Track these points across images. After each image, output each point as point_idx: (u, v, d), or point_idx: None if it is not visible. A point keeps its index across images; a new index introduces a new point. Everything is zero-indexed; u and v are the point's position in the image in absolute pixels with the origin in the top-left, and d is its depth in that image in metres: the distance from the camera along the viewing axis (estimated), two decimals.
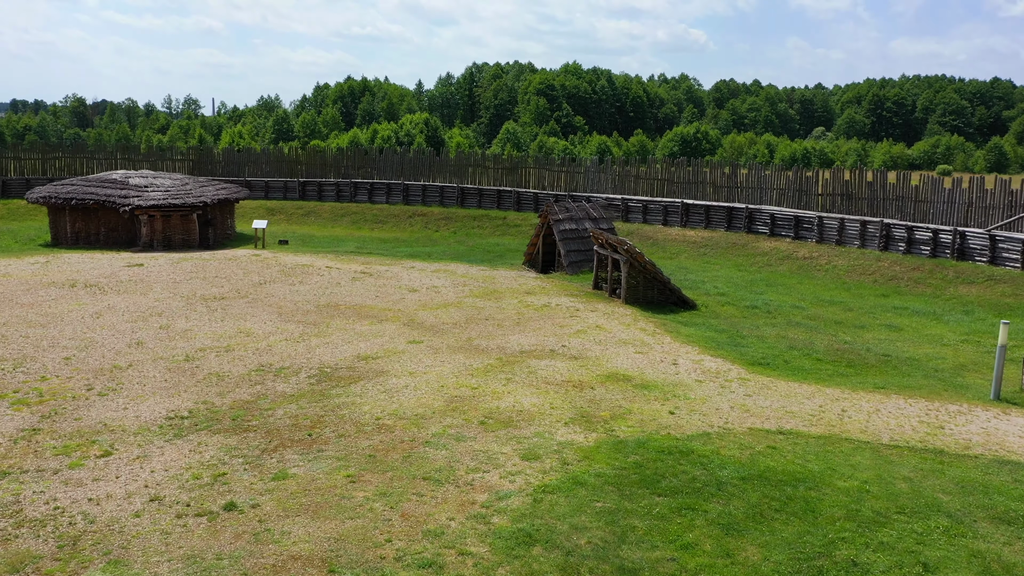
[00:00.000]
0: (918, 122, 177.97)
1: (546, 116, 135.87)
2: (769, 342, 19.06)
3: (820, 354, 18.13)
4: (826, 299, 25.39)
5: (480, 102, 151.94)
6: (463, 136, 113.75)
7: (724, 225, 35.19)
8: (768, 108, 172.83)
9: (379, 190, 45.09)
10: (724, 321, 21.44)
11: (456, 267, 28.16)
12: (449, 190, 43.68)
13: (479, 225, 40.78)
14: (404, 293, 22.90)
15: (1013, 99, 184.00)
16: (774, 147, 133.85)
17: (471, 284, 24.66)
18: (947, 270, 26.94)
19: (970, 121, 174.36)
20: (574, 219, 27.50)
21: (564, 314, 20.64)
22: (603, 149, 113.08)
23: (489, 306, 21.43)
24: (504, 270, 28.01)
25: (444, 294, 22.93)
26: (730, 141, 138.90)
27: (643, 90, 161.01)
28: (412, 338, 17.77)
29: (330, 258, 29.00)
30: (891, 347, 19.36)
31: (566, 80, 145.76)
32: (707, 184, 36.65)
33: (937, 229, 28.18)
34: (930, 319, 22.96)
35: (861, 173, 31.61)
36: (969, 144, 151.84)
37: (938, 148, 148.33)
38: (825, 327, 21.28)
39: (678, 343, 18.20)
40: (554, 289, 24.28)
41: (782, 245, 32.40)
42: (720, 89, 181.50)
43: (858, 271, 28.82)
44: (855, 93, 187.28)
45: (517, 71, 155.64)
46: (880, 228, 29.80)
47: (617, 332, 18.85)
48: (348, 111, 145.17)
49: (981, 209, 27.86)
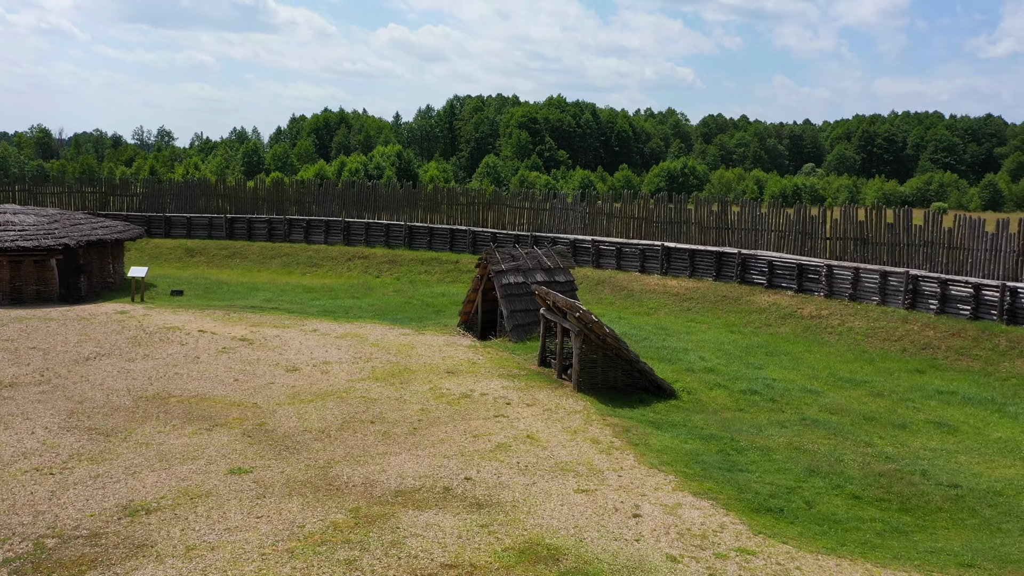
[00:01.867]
0: (909, 159, 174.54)
1: (528, 150, 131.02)
2: (778, 461, 13.06)
3: (856, 484, 12.14)
4: (845, 377, 19.47)
5: (461, 135, 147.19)
6: (439, 170, 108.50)
7: (712, 273, 29.36)
8: (757, 144, 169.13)
9: (316, 228, 39.19)
10: (712, 418, 15.45)
11: (372, 329, 22.12)
12: (395, 229, 37.82)
13: (427, 270, 34.86)
14: (278, 374, 16.82)
15: (1005, 136, 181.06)
16: (763, 183, 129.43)
17: (379, 357, 18.62)
18: (997, 337, 21.11)
19: (962, 158, 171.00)
20: (521, 270, 21.59)
21: (487, 411, 14.60)
22: (587, 184, 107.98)
23: (387, 396, 15.37)
24: (432, 334, 21.99)
25: (333, 375, 16.87)
26: (718, 176, 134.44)
27: (629, 124, 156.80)
28: (241, 462, 11.67)
29: (214, 317, 22.91)
30: (952, 465, 13.41)
31: (549, 113, 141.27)
32: (692, 224, 30.89)
33: (980, 284, 22.39)
34: (990, 411, 17.06)
35: (880, 213, 25.91)
36: (963, 181, 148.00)
37: (931, 185, 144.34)
38: (853, 428, 15.32)
39: (644, 467, 12.17)
40: (487, 366, 18.26)
41: (783, 300, 26.55)
42: (708, 124, 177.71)
43: (880, 336, 22.95)
44: (845, 129, 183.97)
45: (499, 103, 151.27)
46: (905, 281, 24.01)
47: (556, 446, 12.80)
48: (323, 143, 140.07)
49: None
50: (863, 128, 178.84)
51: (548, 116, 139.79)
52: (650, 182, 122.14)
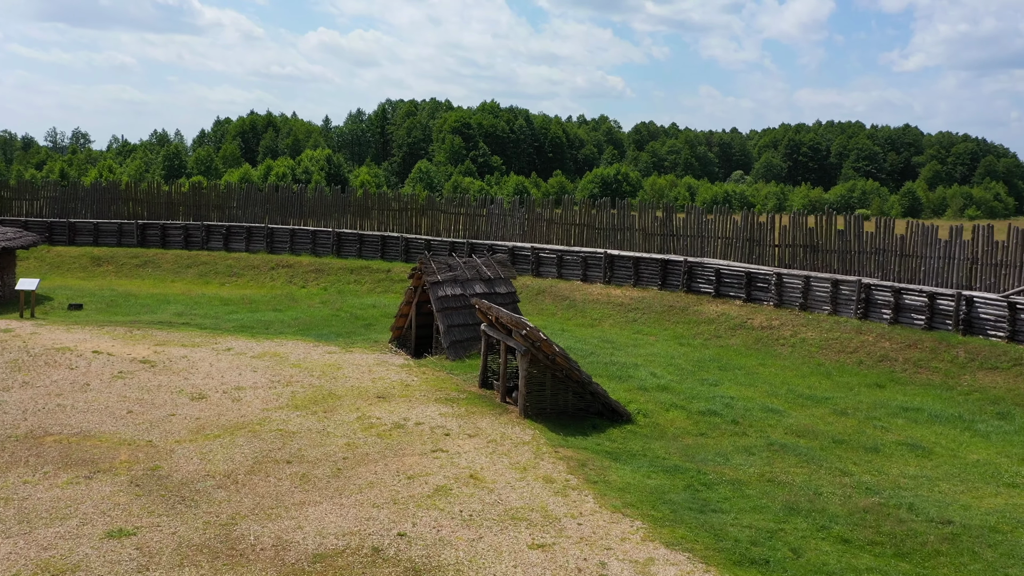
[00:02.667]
0: (833, 167, 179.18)
1: (462, 155, 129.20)
2: (753, 497, 11.61)
3: (842, 524, 10.76)
4: (805, 393, 18.31)
5: (393, 140, 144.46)
6: (371, 175, 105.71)
7: (657, 282, 28.12)
8: (688, 151, 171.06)
9: (237, 235, 36.62)
10: (674, 446, 13.97)
11: (294, 347, 20.02)
12: (323, 236, 35.56)
13: (356, 279, 32.74)
14: (181, 403, 14.65)
15: (922, 145, 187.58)
16: (695, 190, 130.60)
17: (300, 381, 16.58)
18: (955, 349, 20.31)
19: (882, 166, 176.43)
20: (459, 281, 19.82)
21: (423, 445, 12.78)
22: (521, 190, 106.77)
23: (307, 429, 13.39)
24: (361, 352, 20.02)
25: (246, 404, 14.79)
26: (651, 183, 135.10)
27: (562, 130, 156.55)
28: (123, 522, 9.59)
29: (114, 336, 20.44)
30: (936, 496, 12.21)
31: (483, 119, 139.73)
32: (636, 231, 29.64)
33: (935, 293, 21.63)
34: (960, 429, 16.06)
35: (830, 219, 25.06)
36: (884, 189, 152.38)
37: (854, 192, 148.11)
38: (824, 453, 14.05)
39: (607, 511, 10.54)
40: (422, 389, 16.42)
41: (732, 309, 25.44)
42: (640, 131, 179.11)
43: (835, 347, 21.97)
44: (771, 138, 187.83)
45: (432, 108, 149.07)
46: (858, 290, 23.13)
47: (504, 488, 11.07)
48: (250, 147, 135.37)
49: (990, 267, 21.49)
50: (789, 137, 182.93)
51: (482, 121, 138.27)
52: (584, 188, 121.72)
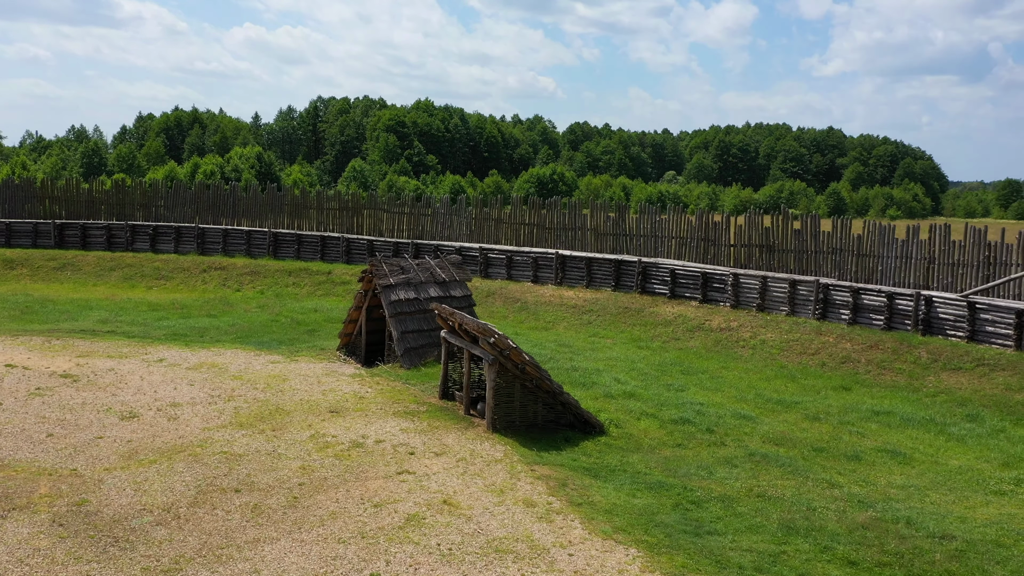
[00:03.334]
0: (761, 168, 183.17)
1: (396, 154, 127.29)
2: (746, 516, 10.85)
3: (844, 543, 10.07)
4: (773, 398, 17.78)
5: (325, 138, 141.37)
6: (303, 173, 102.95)
7: (611, 283, 27.44)
8: (622, 151, 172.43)
9: (165, 236, 34.54)
10: (652, 459, 13.15)
11: (234, 357, 18.53)
12: (258, 236, 33.81)
13: (295, 282, 31.15)
14: (110, 424, 13.13)
15: (845, 148, 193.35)
16: (630, 190, 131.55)
17: (243, 395, 15.18)
18: (916, 350, 20.12)
19: (808, 167, 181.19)
20: (413, 284, 18.65)
21: (386, 466, 11.63)
22: (457, 189, 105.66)
23: (255, 450, 12.08)
24: (308, 361, 18.65)
25: (184, 422, 13.35)
26: (586, 183, 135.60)
27: (498, 130, 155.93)
28: (43, 572, 8.20)
29: (30, 347, 18.59)
30: (929, 508, 11.67)
31: (418, 117, 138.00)
32: (588, 231, 28.91)
33: (894, 293, 21.44)
34: (934, 434, 15.70)
35: (787, 219, 24.75)
36: (810, 189, 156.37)
37: (783, 193, 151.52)
38: (807, 463, 13.44)
39: (598, 538, 9.61)
40: (378, 401, 15.23)
41: (688, 311, 24.90)
42: (574, 131, 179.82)
43: (796, 349, 21.59)
44: (702, 139, 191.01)
45: (366, 106, 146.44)
46: (816, 290, 22.83)
47: (483, 515, 10.03)
48: (175, 144, 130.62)
49: (947, 267, 21.41)
50: (719, 138, 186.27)
51: (416, 120, 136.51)
52: (520, 188, 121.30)
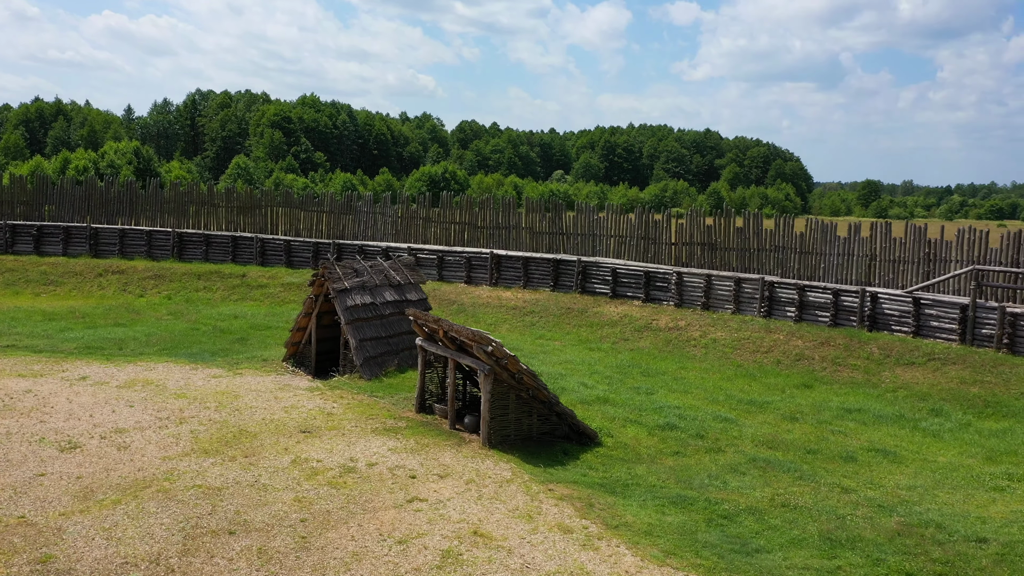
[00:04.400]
0: (645, 167, 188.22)
1: (283, 151, 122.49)
2: (781, 527, 10.31)
3: (893, 554, 9.67)
4: (743, 398, 17.54)
5: (205, 133, 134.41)
6: (184, 170, 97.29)
7: (550, 283, 26.77)
8: (511, 151, 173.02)
9: (52, 237, 31.35)
10: (658, 469, 12.49)
11: (167, 372, 16.59)
12: (160, 237, 31.17)
13: (206, 286, 28.84)
14: (48, 456, 11.23)
15: (722, 149, 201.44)
16: (521, 188, 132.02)
17: (195, 416, 13.46)
18: (867, 346, 20.44)
19: (689, 168, 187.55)
20: (368, 288, 17.28)
21: (392, 494, 10.40)
22: (349, 187, 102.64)
23: (234, 481, 10.56)
24: (253, 374, 16.94)
25: (137, 451, 11.61)
26: (478, 182, 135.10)
27: (387, 127, 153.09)
28: None
29: None
30: (947, 509, 11.53)
31: (304, 113, 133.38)
32: (523, 230, 28.12)
33: (839, 290, 21.75)
34: (909, 430, 15.81)
35: (729, 217, 24.77)
36: (692, 189, 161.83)
37: (667, 192, 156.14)
38: (809, 466, 13.12)
39: (653, 564, 8.80)
40: (350, 418, 13.86)
41: (633, 311, 24.54)
42: (464, 130, 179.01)
43: (748, 347, 21.55)
44: (588, 139, 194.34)
45: (248, 101, 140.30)
46: (761, 288, 22.92)
47: (522, 546, 9.02)
48: (35, 138, 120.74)
49: (888, 263, 21.90)
50: (605, 138, 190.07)
51: (303, 116, 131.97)
52: (412, 186, 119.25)
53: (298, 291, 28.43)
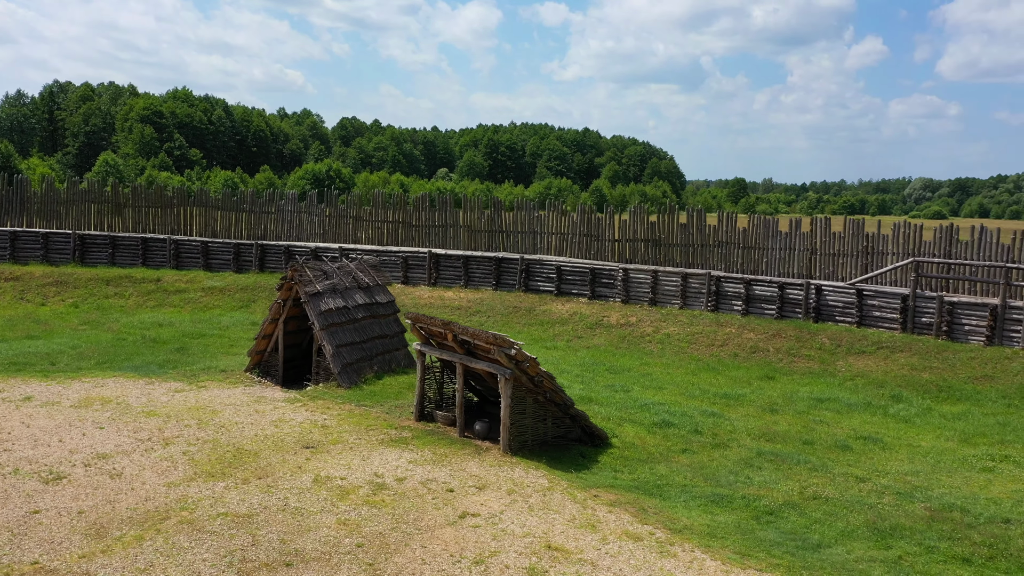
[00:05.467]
0: (529, 165, 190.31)
1: (155, 147, 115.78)
2: (826, 521, 10.41)
3: (938, 540, 9.93)
4: (716, 392, 17.77)
5: (66, 128, 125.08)
6: (47, 167, 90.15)
7: (491, 282, 26.36)
8: (395, 148, 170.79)
9: None
10: (677, 468, 12.39)
11: (121, 388, 15.07)
12: (58, 239, 28.62)
13: (117, 292, 26.68)
14: (35, 489, 9.87)
15: (601, 147, 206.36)
16: (408, 186, 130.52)
17: (180, 436, 12.24)
18: (817, 336, 21.19)
19: (571, 166, 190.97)
20: (339, 291, 16.33)
21: (438, 510, 9.76)
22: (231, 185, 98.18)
23: (262, 506, 9.62)
24: (219, 386, 15.66)
25: (134, 478, 10.39)
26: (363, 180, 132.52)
27: (265, 123, 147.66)
28: None
29: None
30: (957, 493, 12.00)
31: (176, 107, 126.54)
32: (461, 228, 27.55)
33: (785, 283, 22.48)
34: (881, 416, 16.45)
35: (673, 214, 25.12)
36: (575, 186, 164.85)
37: (551, 190, 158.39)
38: (816, 458, 13.38)
39: (737, 568, 8.61)
40: (347, 430, 13.00)
41: (581, 308, 24.49)
42: (345, 127, 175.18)
43: (702, 342, 21.91)
44: (472, 137, 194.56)
45: (113, 94, 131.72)
46: (708, 283, 23.39)
47: (603, 558, 8.62)
48: None
49: (828, 257, 22.81)
50: (488, 136, 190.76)
51: (176, 111, 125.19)
52: (295, 184, 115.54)
53: (221, 295, 26.77)
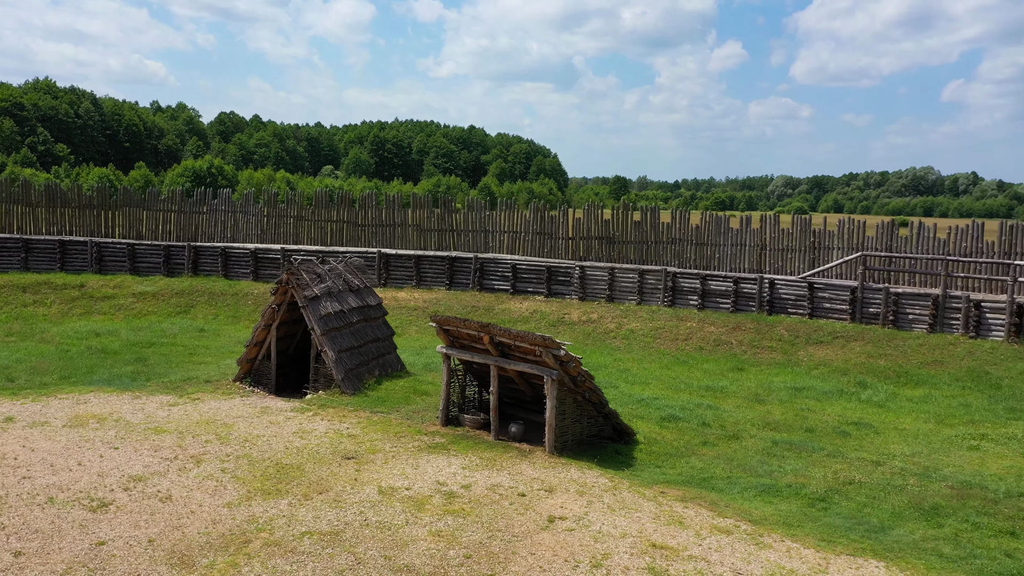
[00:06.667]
0: (416, 163, 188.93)
1: (16, 142, 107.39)
2: (873, 504, 10.97)
3: (980, 516, 10.66)
4: (697, 384, 18.32)
5: None
6: None
7: (445, 282, 26.07)
8: (278, 145, 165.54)
9: None
10: (707, 460, 12.72)
11: (108, 403, 13.94)
12: None
13: (38, 300, 24.67)
14: (82, 518, 9.00)
15: (487, 145, 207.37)
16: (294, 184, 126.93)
17: (207, 452, 11.47)
18: (774, 328, 22.16)
19: (458, 163, 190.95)
20: (334, 294, 15.74)
21: (522, 515, 9.60)
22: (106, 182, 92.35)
23: (342, 522, 9.16)
24: (213, 397, 14.74)
25: (187, 500, 9.67)
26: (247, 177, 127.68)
27: (138, 117, 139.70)
28: None
29: None
30: (957, 469, 12.90)
31: (39, 99, 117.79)
32: (410, 227, 27.07)
33: (740, 277, 23.37)
34: (856, 402, 17.41)
35: (627, 212, 25.60)
36: (464, 184, 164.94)
37: (440, 187, 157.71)
38: (826, 444, 14.04)
39: (831, 554, 8.95)
40: (376, 437, 12.56)
41: (539, 306, 24.60)
42: (224, 122, 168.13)
43: (667, 337, 22.48)
44: (357, 134, 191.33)
45: None
46: (664, 279, 24.02)
47: (711, 554, 8.74)
48: None
49: (777, 252, 23.89)
50: (374, 133, 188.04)
51: (38, 103, 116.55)
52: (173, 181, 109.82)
53: (155, 301, 25.24)
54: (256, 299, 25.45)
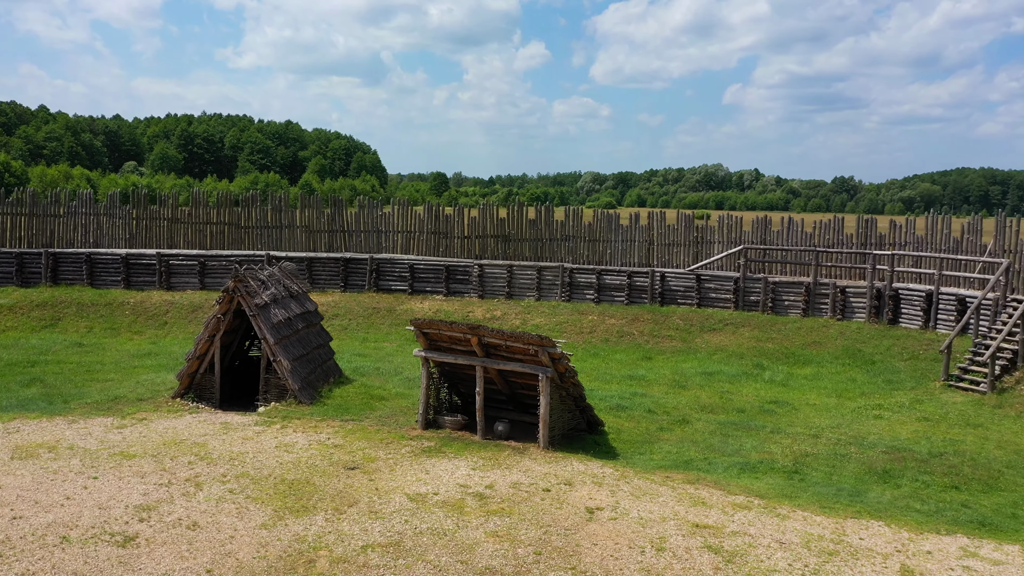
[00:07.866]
0: (229, 159, 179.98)
1: None
2: (835, 474, 12.32)
3: (926, 474, 12.28)
4: (618, 374, 19.36)
5: None
6: None
7: (339, 284, 25.50)
8: (71, 138, 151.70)
9: None
10: (679, 445, 13.65)
11: (44, 429, 12.57)
12: None
13: None
14: (116, 556, 8.22)
15: (305, 141, 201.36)
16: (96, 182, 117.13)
17: (198, 472, 10.74)
18: (669, 318, 23.66)
19: (275, 159, 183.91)
20: (279, 301, 15.11)
21: (559, 510, 9.91)
22: None
23: (396, 534, 9.03)
24: (162, 417, 13.68)
25: (217, 526, 9.09)
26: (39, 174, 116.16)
27: None
28: None
29: None
30: (877, 436, 14.70)
31: None
32: (298, 228, 26.16)
33: (633, 272, 24.71)
34: (762, 383, 19.11)
35: (521, 210, 26.20)
36: (284, 180, 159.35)
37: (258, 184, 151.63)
38: (763, 422, 15.40)
39: (844, 518, 10.02)
40: (363, 447, 12.31)
41: (441, 305, 24.70)
42: (5, 112, 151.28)
43: (573, 330, 23.36)
44: (163, 127, 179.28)
45: None
46: (561, 275, 24.91)
47: (744, 526, 9.49)
48: None
49: (664, 247, 25.46)
50: (181, 128, 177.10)
51: None
52: None
53: (13, 315, 22.82)
54: (134, 309, 23.60)
